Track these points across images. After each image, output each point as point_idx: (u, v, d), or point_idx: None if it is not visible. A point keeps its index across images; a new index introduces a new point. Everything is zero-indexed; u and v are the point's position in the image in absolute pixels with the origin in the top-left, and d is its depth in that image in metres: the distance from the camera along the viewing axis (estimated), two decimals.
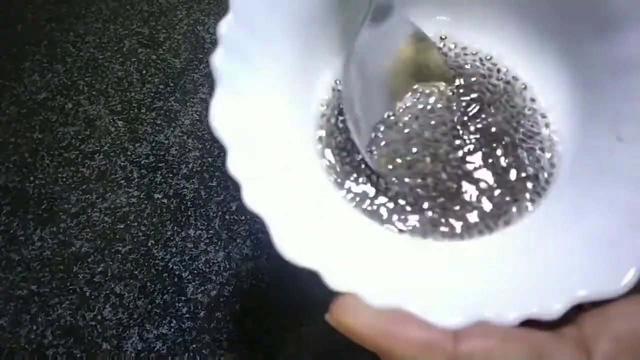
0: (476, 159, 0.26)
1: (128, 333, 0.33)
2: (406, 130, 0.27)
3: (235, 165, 0.20)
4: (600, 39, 0.24)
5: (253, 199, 0.20)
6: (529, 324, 0.19)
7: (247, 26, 0.23)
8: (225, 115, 0.21)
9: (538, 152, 0.26)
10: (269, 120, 0.24)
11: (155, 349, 0.32)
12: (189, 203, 0.38)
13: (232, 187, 0.39)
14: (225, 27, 0.22)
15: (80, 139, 0.42)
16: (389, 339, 0.19)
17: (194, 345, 0.32)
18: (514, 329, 0.19)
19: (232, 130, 0.21)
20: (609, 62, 0.23)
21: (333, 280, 0.20)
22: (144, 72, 0.47)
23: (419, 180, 0.26)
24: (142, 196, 0.39)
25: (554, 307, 0.18)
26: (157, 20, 0.52)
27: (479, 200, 0.25)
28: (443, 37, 0.29)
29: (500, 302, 0.19)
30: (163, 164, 0.41)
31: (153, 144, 0.42)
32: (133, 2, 0.53)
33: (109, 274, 0.35)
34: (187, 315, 0.33)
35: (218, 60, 0.21)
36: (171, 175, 0.40)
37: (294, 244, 0.20)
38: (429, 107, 0.28)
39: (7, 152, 0.41)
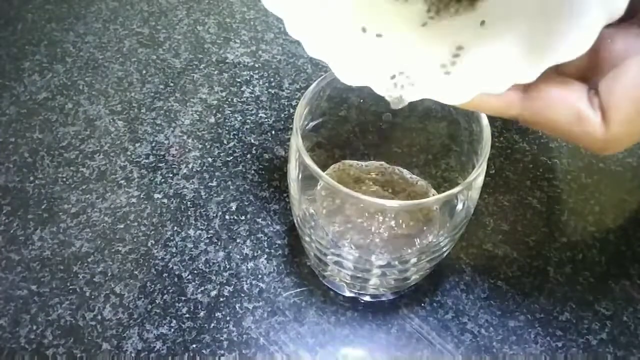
0: None
1: (128, 333, 0.33)
2: None
3: None
4: None
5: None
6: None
7: None
8: None
9: None
10: None
11: (155, 349, 0.32)
12: (189, 203, 0.38)
13: (232, 187, 0.39)
14: None
15: (80, 139, 0.42)
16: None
17: (194, 345, 0.32)
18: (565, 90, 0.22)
19: None
20: None
21: None
22: (144, 72, 0.47)
23: None
24: (142, 196, 0.39)
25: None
26: (157, 20, 0.52)
27: None
28: None
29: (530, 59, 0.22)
30: (163, 164, 0.41)
31: (153, 144, 0.42)
32: (133, 2, 0.53)
33: (109, 274, 0.35)
34: (187, 315, 0.33)
35: None
36: (171, 175, 0.40)
37: None
38: None
39: (7, 152, 0.41)
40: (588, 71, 0.23)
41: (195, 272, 0.35)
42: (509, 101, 0.23)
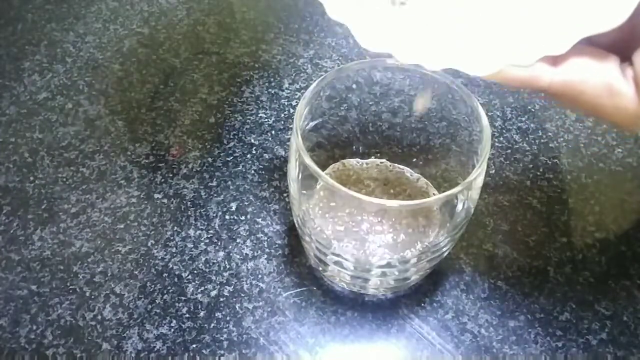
0: None
1: (128, 333, 0.33)
2: None
3: None
4: None
5: None
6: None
7: None
8: None
9: None
10: None
11: (155, 349, 0.32)
12: (189, 203, 0.38)
13: (232, 187, 0.39)
14: None
15: (80, 139, 0.42)
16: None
17: (194, 345, 0.32)
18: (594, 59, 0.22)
19: None
20: None
21: None
22: (144, 72, 0.47)
23: None
24: (142, 196, 0.39)
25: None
26: (157, 20, 0.52)
27: None
28: None
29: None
30: (163, 164, 0.41)
31: (153, 144, 0.42)
32: (133, 2, 0.53)
33: (109, 274, 0.35)
34: (187, 315, 0.33)
35: None
36: (171, 175, 0.40)
37: None
38: None
39: (7, 152, 0.41)
40: (622, 43, 0.22)
41: (195, 272, 0.35)
42: (537, 73, 0.22)
